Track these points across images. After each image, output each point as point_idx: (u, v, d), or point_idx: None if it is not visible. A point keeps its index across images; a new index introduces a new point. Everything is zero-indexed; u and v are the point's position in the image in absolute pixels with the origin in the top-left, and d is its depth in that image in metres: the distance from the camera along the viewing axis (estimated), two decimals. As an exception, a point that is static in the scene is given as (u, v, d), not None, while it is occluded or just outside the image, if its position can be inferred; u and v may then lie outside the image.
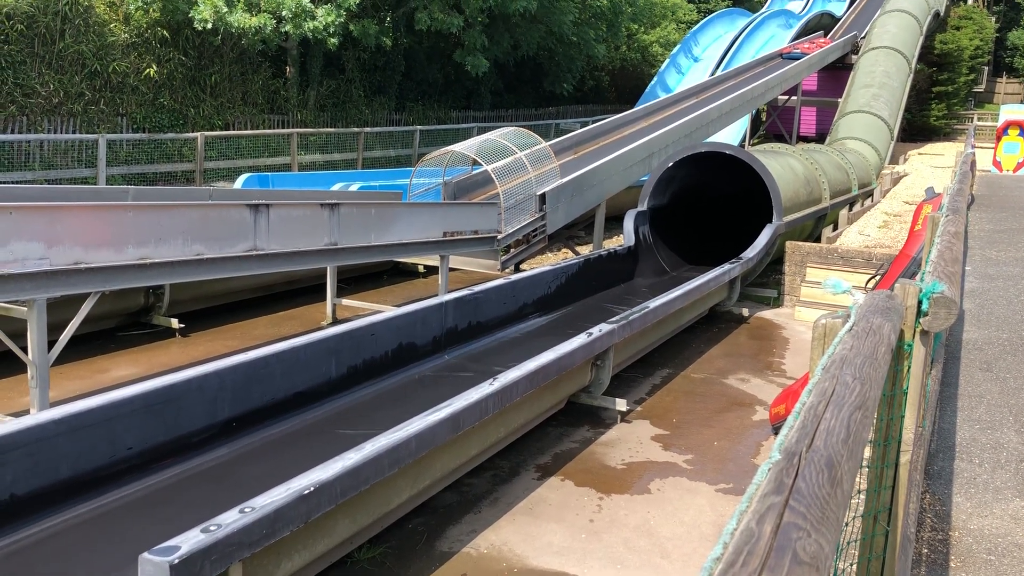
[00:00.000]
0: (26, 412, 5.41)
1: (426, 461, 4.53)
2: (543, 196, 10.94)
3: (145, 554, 2.97)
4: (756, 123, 27.29)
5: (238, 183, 12.52)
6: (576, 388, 6.42)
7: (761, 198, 10.72)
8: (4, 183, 13.25)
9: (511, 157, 11.29)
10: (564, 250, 13.14)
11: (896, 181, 18.39)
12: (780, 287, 10.79)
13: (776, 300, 10.73)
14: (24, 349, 5.18)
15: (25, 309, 5.17)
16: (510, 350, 7.48)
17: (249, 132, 18.02)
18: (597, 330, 6.37)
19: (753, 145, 23.54)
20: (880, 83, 22.41)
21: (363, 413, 5.82)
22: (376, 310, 8.64)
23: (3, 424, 4.10)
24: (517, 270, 10.78)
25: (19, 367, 6.08)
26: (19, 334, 5.46)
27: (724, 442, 6.19)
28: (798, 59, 23.52)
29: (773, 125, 27.05)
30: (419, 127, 22.39)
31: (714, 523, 4.95)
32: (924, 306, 2.60)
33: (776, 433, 6.31)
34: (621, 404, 6.50)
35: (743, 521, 1.21)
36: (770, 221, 10.50)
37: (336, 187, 12.61)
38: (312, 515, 3.60)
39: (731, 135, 21.81)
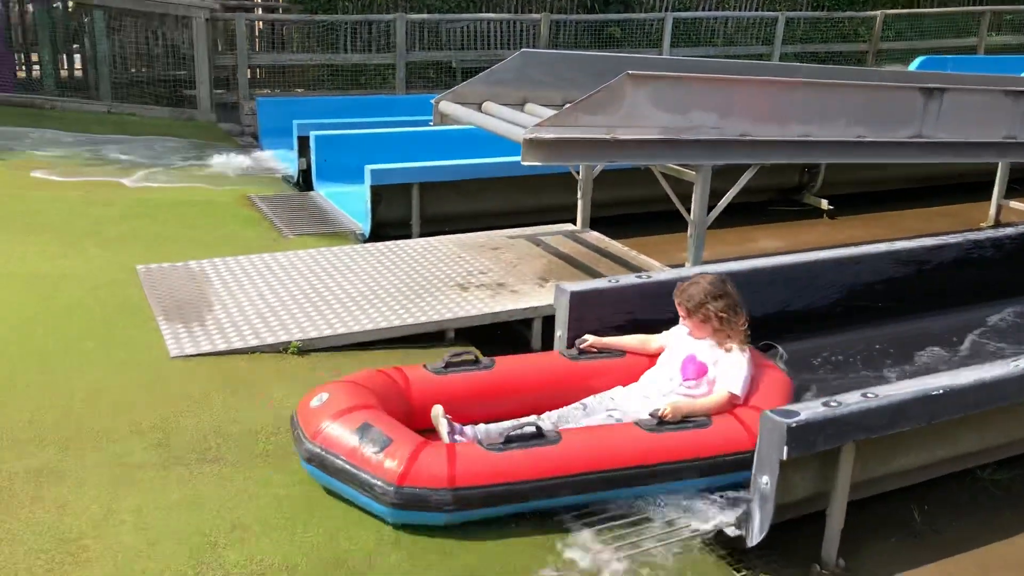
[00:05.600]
0: (681, 266, 6.06)
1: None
2: None
3: (767, 412, 3.19)
4: None
5: (912, 66, 11.82)
6: None
7: None
8: (690, 56, 14.47)
9: None
10: None
11: None
12: None
13: None
14: (688, 210, 5.75)
15: (693, 173, 5.71)
16: None
17: (935, 11, 16.70)
18: None
19: None
20: None
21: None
22: (1051, 217, 7.57)
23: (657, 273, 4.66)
24: None
25: (680, 226, 6.76)
26: (685, 196, 6.05)
27: None
28: None
29: None
30: None
31: None
32: None
33: None
34: None
35: None
36: None
37: (1027, 74, 11.08)
38: (936, 418, 3.44)
39: None
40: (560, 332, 4.49)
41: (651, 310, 4.60)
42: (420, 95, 11.99)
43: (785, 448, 3.09)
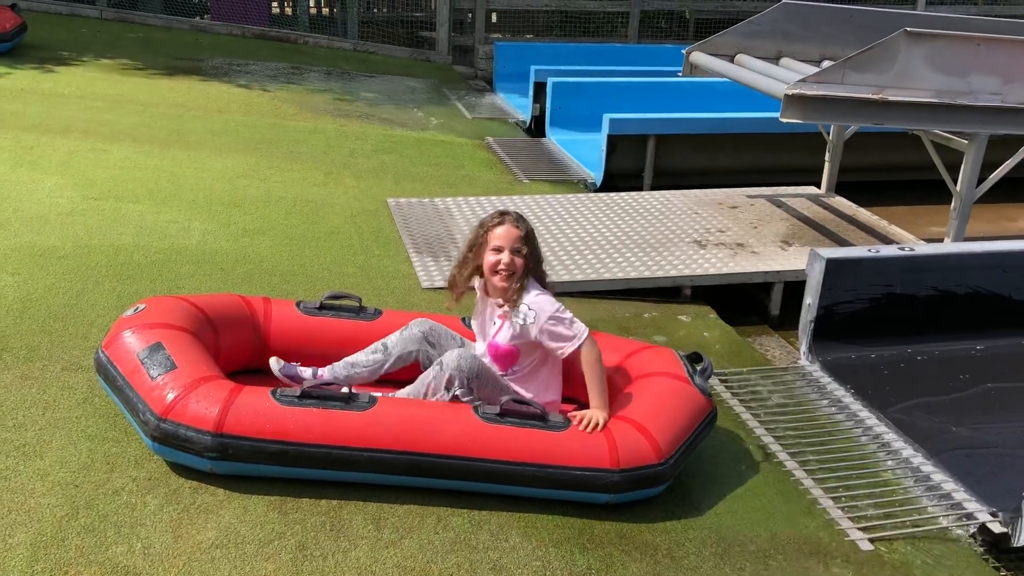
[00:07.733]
0: (939, 240, 5.67)
1: None
2: None
3: None
4: None
5: None
6: None
7: None
8: (949, 15, 13.31)
9: None
10: None
11: None
12: None
13: None
14: (955, 181, 5.34)
15: (965, 142, 5.28)
16: None
17: None
18: None
19: None
20: None
21: None
22: None
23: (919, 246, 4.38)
24: None
25: (942, 198, 6.27)
26: (950, 166, 5.62)
27: None
28: None
29: None
30: None
31: None
32: None
33: None
34: None
35: None
36: None
37: None
38: None
39: None
40: (810, 300, 4.33)
41: (912, 285, 4.36)
42: (652, 45, 11.80)
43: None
